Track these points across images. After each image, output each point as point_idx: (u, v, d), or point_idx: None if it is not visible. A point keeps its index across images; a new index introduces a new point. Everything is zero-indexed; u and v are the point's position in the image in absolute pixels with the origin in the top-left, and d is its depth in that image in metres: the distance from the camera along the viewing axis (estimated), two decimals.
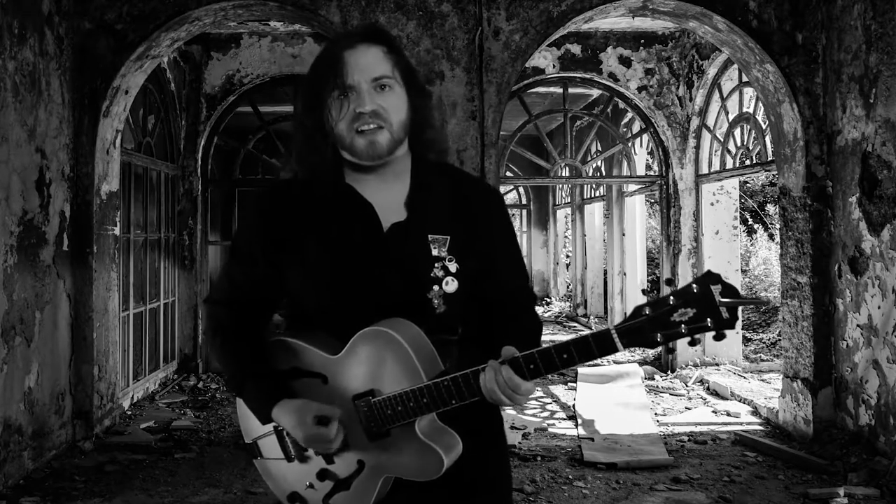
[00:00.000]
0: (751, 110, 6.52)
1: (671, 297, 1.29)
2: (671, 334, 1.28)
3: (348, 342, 1.46)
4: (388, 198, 1.53)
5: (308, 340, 1.53)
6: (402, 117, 1.49)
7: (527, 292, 1.64)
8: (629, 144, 8.21)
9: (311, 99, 1.50)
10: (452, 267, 1.51)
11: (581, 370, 7.41)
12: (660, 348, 1.29)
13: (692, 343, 1.30)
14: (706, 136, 7.28)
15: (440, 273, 1.50)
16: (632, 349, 1.20)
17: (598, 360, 8.05)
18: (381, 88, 1.47)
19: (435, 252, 1.50)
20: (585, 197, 12.18)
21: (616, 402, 6.12)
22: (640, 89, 7.45)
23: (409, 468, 1.44)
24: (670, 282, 1.33)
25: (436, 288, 1.49)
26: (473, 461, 1.53)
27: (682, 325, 1.28)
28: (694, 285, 1.27)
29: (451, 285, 1.50)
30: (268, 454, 1.60)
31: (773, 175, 9.99)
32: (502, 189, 12.59)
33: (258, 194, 1.63)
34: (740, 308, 1.28)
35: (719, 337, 1.28)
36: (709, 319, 1.26)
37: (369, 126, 1.45)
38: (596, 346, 1.32)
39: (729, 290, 1.26)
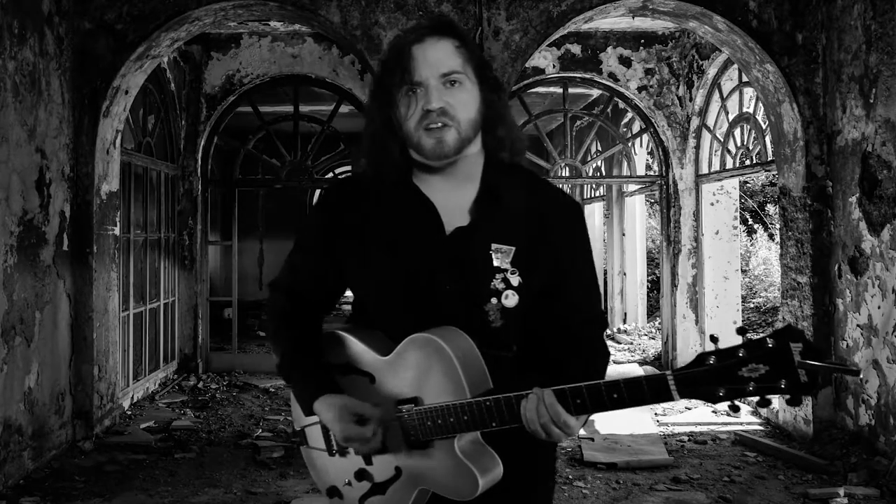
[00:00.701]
0: (751, 110, 6.52)
1: (741, 350, 1.17)
2: (736, 390, 1.16)
3: (399, 344, 1.42)
4: (455, 200, 1.46)
5: (362, 338, 1.50)
6: (471, 115, 1.42)
7: (597, 319, 1.52)
8: (629, 144, 8.21)
9: (379, 95, 1.45)
10: (514, 280, 1.42)
11: None
12: (722, 405, 1.18)
13: (761, 404, 1.18)
14: (706, 136, 7.28)
15: (500, 286, 1.42)
16: (689, 399, 1.19)
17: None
18: (451, 84, 1.40)
19: (497, 262, 1.42)
20: (585, 197, 12.18)
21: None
22: (640, 89, 7.45)
23: (445, 485, 1.39)
24: (744, 331, 1.20)
25: (493, 301, 1.42)
26: (516, 492, 1.46)
27: (751, 383, 1.15)
28: (770, 339, 1.14)
29: (510, 300, 1.42)
30: (313, 443, 1.59)
31: (773, 175, 9.99)
32: None
33: (327, 189, 1.61)
34: (827, 373, 1.12)
35: (794, 402, 1.14)
36: (783, 381, 1.13)
37: (437, 124, 1.38)
38: (649, 391, 1.22)
39: (811, 350, 1.12)
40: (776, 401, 5.49)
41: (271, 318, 1.59)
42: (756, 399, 1.17)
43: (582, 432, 5.28)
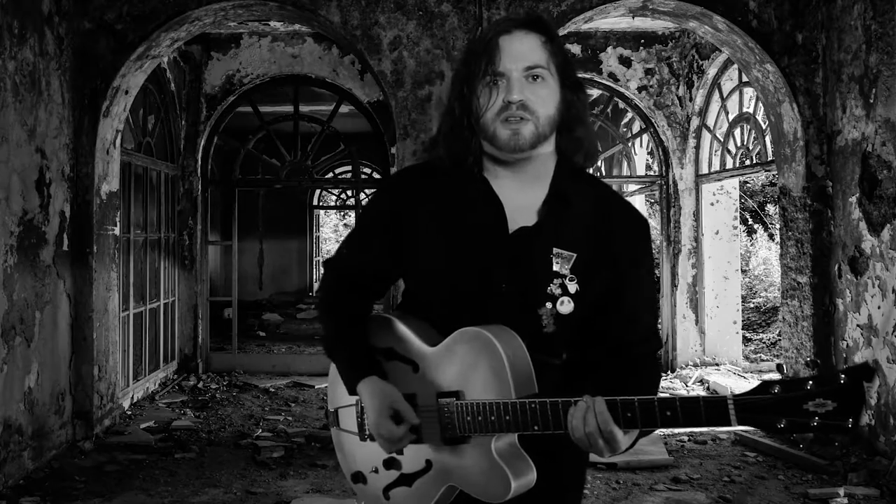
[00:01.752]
0: (751, 110, 6.52)
1: (810, 383, 1.12)
2: (799, 424, 1.12)
3: (447, 337, 1.41)
4: (523, 199, 1.44)
5: (410, 326, 1.49)
6: (550, 112, 1.40)
7: (653, 337, 1.49)
8: (629, 144, 8.21)
9: (461, 84, 1.43)
10: (572, 287, 1.40)
11: None
12: (782, 435, 1.11)
13: (820, 441, 1.10)
14: (706, 136, 7.28)
15: (557, 291, 1.39)
16: (746, 426, 1.15)
17: None
18: (534, 79, 1.38)
19: (556, 267, 1.40)
20: None
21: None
22: (640, 89, 7.45)
23: (475, 484, 1.36)
24: (814, 363, 1.16)
25: (549, 305, 1.39)
26: (545, 500, 1.44)
27: (816, 418, 1.10)
28: (843, 376, 1.10)
29: (566, 306, 1.39)
30: (345, 426, 1.58)
31: (773, 175, 9.98)
32: None
33: (396, 173, 1.61)
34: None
35: (854, 440, 1.10)
36: (850, 420, 1.09)
37: (515, 117, 1.37)
38: (706, 413, 1.17)
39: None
40: None
41: (323, 295, 1.59)
42: (812, 435, 1.12)
43: None
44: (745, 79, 6.30)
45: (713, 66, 6.89)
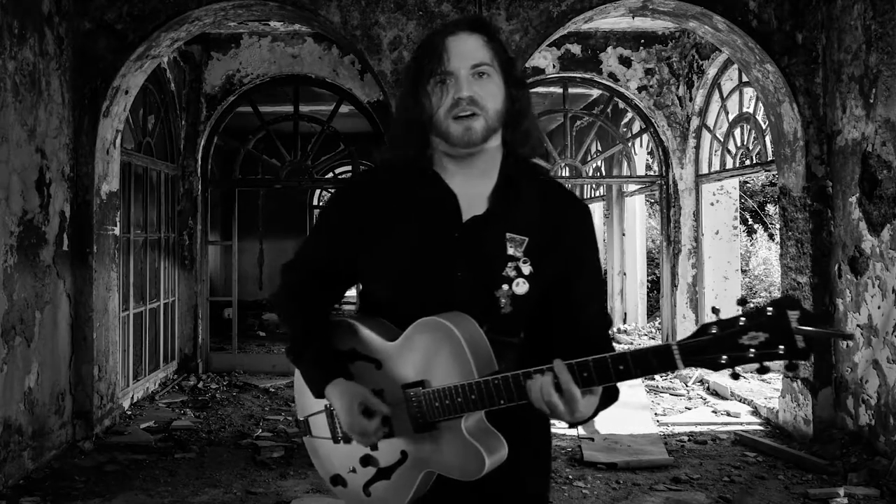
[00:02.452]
0: (751, 110, 6.52)
1: (741, 319, 1.22)
2: (738, 358, 1.22)
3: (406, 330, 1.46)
4: (474, 190, 1.52)
5: (369, 325, 1.54)
6: (498, 106, 1.47)
7: (602, 316, 1.57)
8: (629, 144, 8.21)
9: (411, 86, 1.50)
10: (526, 269, 1.47)
11: None
12: (724, 371, 1.24)
13: (761, 371, 1.23)
14: (706, 136, 7.28)
15: (512, 273, 1.47)
16: (693, 367, 1.35)
17: None
18: (480, 76, 1.45)
19: (511, 251, 1.47)
20: (585, 197, 12.18)
21: (616, 402, 6.11)
22: (640, 89, 7.45)
23: (451, 466, 1.42)
24: (744, 301, 1.27)
25: (505, 287, 1.46)
26: (515, 473, 1.50)
27: (751, 350, 1.21)
28: (769, 308, 1.20)
29: (521, 287, 1.47)
30: (317, 432, 1.61)
31: (773, 175, 9.98)
32: None
33: (351, 178, 1.71)
34: (823, 339, 1.18)
35: (791, 367, 1.21)
36: (781, 347, 1.19)
37: (466, 112, 1.44)
38: (655, 361, 1.25)
39: (808, 317, 1.18)
40: (776, 401, 5.49)
41: (285, 299, 1.62)
42: (756, 366, 1.22)
43: (582, 431, 5.28)
44: (745, 79, 6.30)
45: (713, 66, 6.89)
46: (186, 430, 5.37)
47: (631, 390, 6.59)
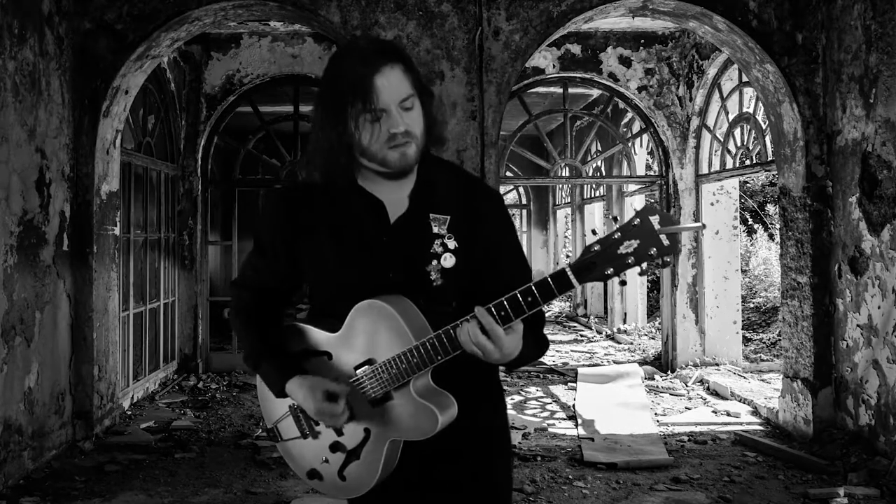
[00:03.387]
0: (751, 110, 6.52)
1: (617, 233, 1.41)
2: (620, 265, 1.40)
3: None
4: (398, 193, 1.67)
5: (315, 324, 1.69)
6: (422, 129, 1.62)
7: (526, 281, 1.67)
8: (629, 144, 8.21)
9: (334, 114, 1.59)
10: (451, 244, 1.63)
11: (581, 370, 7.41)
12: (613, 280, 1.44)
13: (642, 273, 1.42)
14: (706, 136, 7.28)
15: (439, 249, 1.62)
16: (587, 283, 1.68)
17: (598, 361, 8.01)
18: (407, 109, 1.59)
19: (435, 230, 1.63)
20: (585, 197, 12.18)
21: (616, 402, 6.12)
22: (640, 89, 7.45)
23: (409, 428, 1.57)
24: (615, 219, 1.43)
25: (434, 262, 1.62)
26: (471, 429, 1.65)
27: (630, 257, 1.40)
28: (635, 219, 1.40)
29: (448, 261, 1.62)
30: (286, 435, 1.74)
31: (773, 175, 9.98)
32: (502, 189, 12.58)
33: (278, 191, 1.79)
34: (680, 234, 1.40)
35: (664, 264, 1.39)
36: (652, 248, 1.38)
37: (401, 143, 1.58)
38: (555, 285, 1.43)
39: (666, 218, 1.39)
40: (776, 401, 5.49)
41: (237, 314, 1.78)
42: (637, 270, 1.41)
43: (582, 431, 5.28)
44: (745, 79, 6.30)
45: (713, 66, 6.89)
46: (186, 430, 5.37)
47: (631, 390, 6.59)
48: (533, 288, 1.45)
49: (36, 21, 4.63)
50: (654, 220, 1.39)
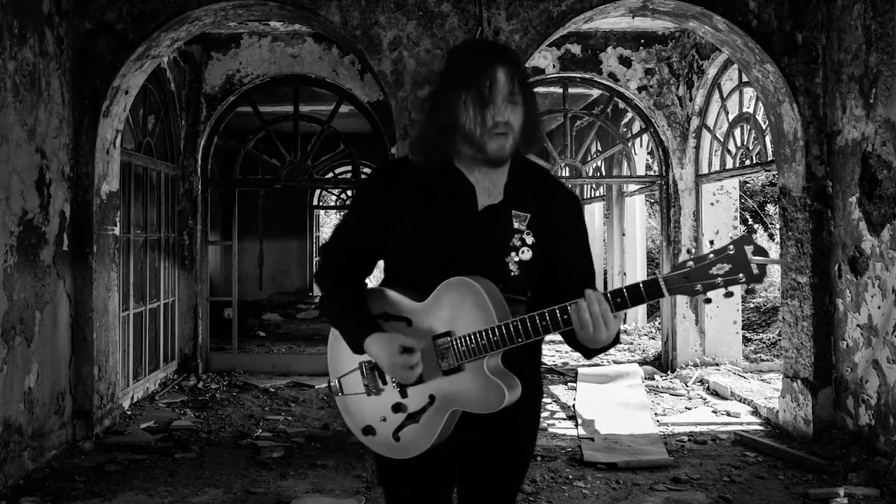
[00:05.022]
0: (751, 110, 6.52)
1: (711, 254, 1.56)
2: (709, 285, 1.55)
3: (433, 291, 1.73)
4: (490, 182, 1.82)
5: (399, 291, 1.81)
6: (520, 125, 1.77)
7: (594, 280, 1.88)
8: (629, 144, 8.21)
9: (450, 97, 1.75)
10: (529, 239, 1.78)
11: (581, 370, 7.41)
12: (699, 297, 1.59)
13: (727, 294, 1.56)
14: (706, 136, 7.28)
15: (518, 243, 1.77)
16: (676, 295, 1.67)
17: (598, 361, 8.02)
18: (511, 104, 1.74)
19: (516, 225, 1.78)
20: (585, 197, 12.18)
21: (616, 402, 6.12)
22: (640, 89, 7.45)
23: (475, 401, 1.69)
24: (712, 242, 1.51)
25: (513, 255, 1.77)
26: (525, 407, 1.81)
27: (719, 278, 1.54)
28: (731, 245, 1.54)
29: (526, 254, 1.77)
30: (349, 390, 1.85)
31: (773, 175, 9.98)
32: None
33: (380, 167, 1.98)
34: (769, 266, 1.52)
35: (749, 291, 1.50)
36: (741, 274, 1.53)
37: (502, 132, 1.73)
38: (645, 291, 1.59)
39: (759, 249, 1.52)
40: (776, 401, 5.49)
41: (327, 274, 1.90)
42: (724, 291, 1.56)
43: (582, 431, 5.28)
44: (745, 79, 6.30)
45: (713, 66, 6.89)
46: (186, 430, 5.37)
47: (631, 390, 6.59)
48: (624, 290, 1.61)
49: (36, 21, 4.63)
50: (749, 249, 1.52)
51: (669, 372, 7.31)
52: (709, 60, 6.92)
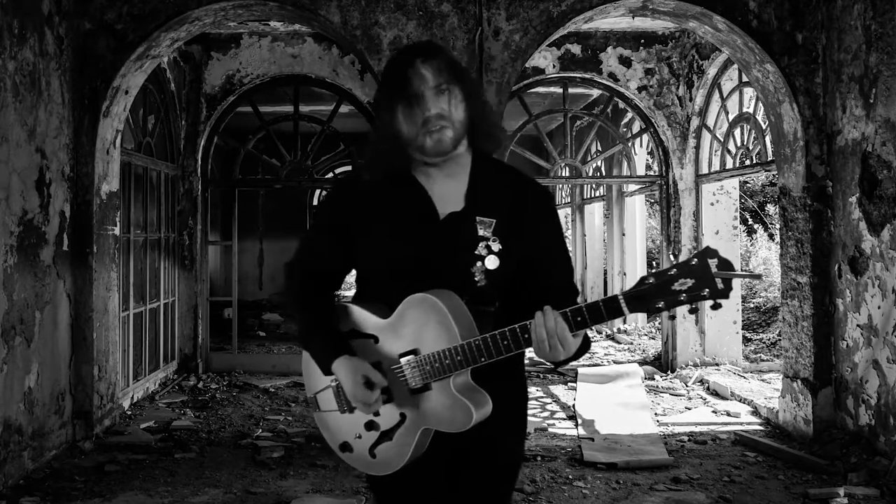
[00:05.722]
0: (751, 110, 6.52)
1: (673, 269, 1.47)
2: (671, 301, 1.46)
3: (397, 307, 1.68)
4: (451, 189, 1.76)
5: (365, 307, 1.77)
6: (461, 115, 1.70)
7: (570, 286, 1.79)
8: (629, 144, 8.21)
9: (384, 107, 1.73)
10: (495, 247, 1.70)
11: (581, 370, 7.41)
12: (664, 314, 1.47)
13: (692, 311, 1.48)
14: (706, 136, 7.28)
15: (484, 251, 1.70)
16: (637, 313, 1.58)
17: (598, 361, 8.02)
18: (442, 93, 1.68)
19: (481, 232, 1.70)
20: (585, 197, 12.18)
21: (616, 402, 6.12)
22: (640, 89, 7.45)
23: (443, 420, 1.65)
24: (675, 256, 1.45)
25: (479, 264, 1.69)
26: (493, 431, 1.73)
27: (682, 294, 1.45)
28: (694, 259, 1.45)
29: (492, 262, 1.69)
30: (325, 407, 1.82)
31: (773, 175, 9.98)
32: None
33: (340, 180, 1.92)
34: (735, 280, 1.43)
35: (716, 306, 1.44)
36: (706, 290, 1.44)
37: (436, 127, 1.67)
38: (605, 311, 1.51)
39: (724, 263, 1.43)
40: (776, 401, 5.49)
41: (293, 293, 1.85)
42: (688, 308, 1.47)
43: (582, 431, 5.28)
44: (745, 79, 6.30)
45: (713, 66, 6.89)
46: (186, 430, 5.37)
47: (631, 390, 6.59)
48: (583, 308, 1.53)
49: (36, 21, 4.63)
50: (713, 262, 1.43)
51: (669, 372, 7.31)
52: (709, 60, 6.92)
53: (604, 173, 10.39)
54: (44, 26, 4.72)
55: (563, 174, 8.12)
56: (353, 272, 1.91)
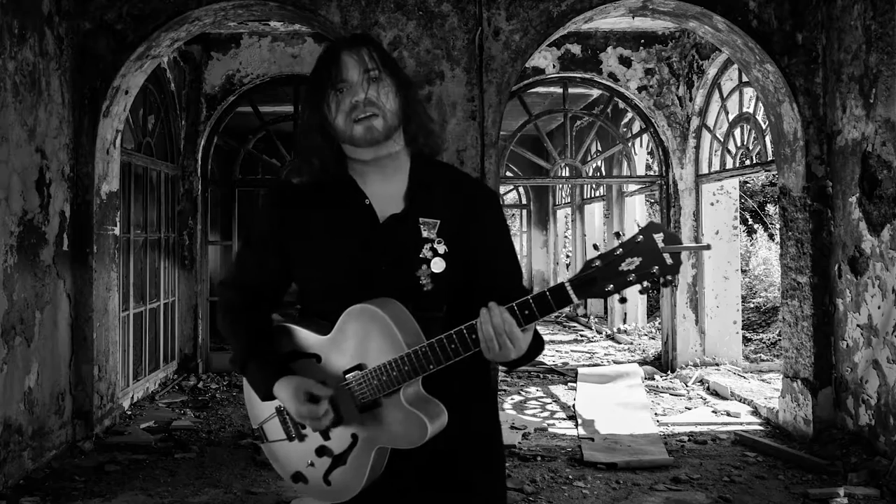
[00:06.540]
0: (751, 110, 6.52)
1: (619, 249, 1.37)
2: (620, 283, 1.37)
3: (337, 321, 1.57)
4: (389, 190, 1.65)
5: (304, 325, 1.65)
6: (393, 105, 1.60)
7: (519, 288, 1.67)
8: (629, 144, 8.21)
9: (311, 102, 1.63)
10: (441, 248, 1.60)
11: (581, 370, 7.41)
12: (614, 297, 1.39)
13: (643, 291, 1.38)
14: (706, 136, 7.28)
15: (429, 254, 1.59)
16: (587, 298, 1.57)
17: (598, 361, 8.02)
18: (372, 80, 1.58)
19: (425, 234, 1.60)
20: (585, 197, 12.18)
21: (616, 402, 6.12)
22: (640, 89, 7.45)
23: (397, 436, 1.52)
24: (618, 235, 1.39)
25: (424, 268, 1.59)
26: (465, 433, 1.62)
27: (631, 274, 1.36)
28: (639, 236, 1.36)
29: (438, 265, 1.59)
30: (272, 437, 1.70)
31: (773, 175, 9.98)
32: (502, 189, 12.59)
33: (270, 189, 1.77)
34: (683, 253, 1.36)
35: (667, 283, 1.36)
36: (655, 267, 1.35)
37: (365, 114, 1.56)
38: (553, 300, 1.41)
39: (671, 237, 1.35)
40: (777, 401, 5.49)
41: (225, 314, 1.73)
42: (638, 287, 1.38)
43: (582, 431, 5.28)
44: (745, 79, 6.30)
45: (713, 66, 6.89)
46: (186, 430, 5.37)
47: (631, 390, 6.59)
48: (530, 301, 1.43)
49: (36, 21, 4.63)
50: (659, 237, 1.35)
51: (669, 372, 7.31)
52: (709, 60, 6.92)
53: (604, 173, 10.39)
54: (44, 26, 4.72)
55: (563, 174, 8.13)
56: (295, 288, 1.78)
